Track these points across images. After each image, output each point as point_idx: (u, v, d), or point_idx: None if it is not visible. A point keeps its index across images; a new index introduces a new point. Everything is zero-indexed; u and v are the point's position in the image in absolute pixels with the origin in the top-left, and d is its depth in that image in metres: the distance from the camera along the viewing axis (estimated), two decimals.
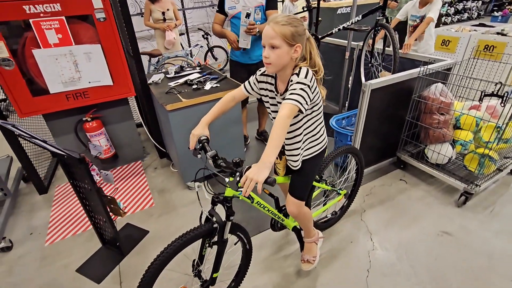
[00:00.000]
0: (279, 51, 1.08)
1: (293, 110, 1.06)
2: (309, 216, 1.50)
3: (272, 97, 1.30)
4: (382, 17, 2.34)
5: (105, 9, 1.94)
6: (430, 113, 2.12)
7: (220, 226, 1.20)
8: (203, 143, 1.22)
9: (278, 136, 1.01)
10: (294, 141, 1.29)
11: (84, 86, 2.09)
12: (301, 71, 1.12)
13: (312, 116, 1.27)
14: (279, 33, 1.06)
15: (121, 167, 2.73)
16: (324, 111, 1.32)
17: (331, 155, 1.65)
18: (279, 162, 1.52)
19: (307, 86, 1.09)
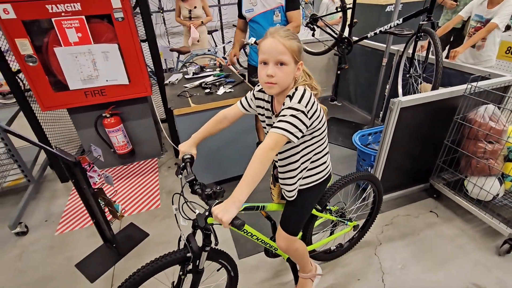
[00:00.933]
0: (287, 69, 0.93)
1: (279, 140, 0.91)
2: (302, 253, 1.33)
3: (268, 117, 1.15)
4: (427, 21, 2.00)
5: (124, 9, 1.93)
6: (475, 139, 1.77)
7: (194, 255, 1.10)
8: (186, 163, 1.12)
9: (254, 172, 0.87)
10: (289, 169, 1.13)
11: (101, 84, 2.13)
12: (296, 93, 0.95)
13: (312, 143, 1.10)
14: (289, 48, 0.91)
15: (137, 163, 2.78)
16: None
17: (341, 181, 1.44)
18: (273, 189, 1.37)
19: (301, 112, 0.93)
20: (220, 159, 2.17)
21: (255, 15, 2.14)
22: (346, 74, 3.68)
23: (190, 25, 3.59)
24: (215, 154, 2.13)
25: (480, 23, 2.39)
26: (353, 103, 3.73)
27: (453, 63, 2.27)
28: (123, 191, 2.39)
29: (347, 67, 2.80)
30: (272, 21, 2.12)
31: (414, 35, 2.15)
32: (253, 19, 2.16)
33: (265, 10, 2.10)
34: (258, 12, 2.12)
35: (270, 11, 2.09)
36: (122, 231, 2.01)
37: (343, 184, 1.43)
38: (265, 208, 1.24)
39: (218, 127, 1.22)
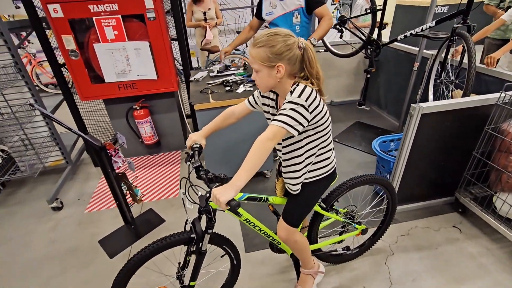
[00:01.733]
0: (260, 74, 1.02)
1: (278, 132, 0.95)
2: (302, 245, 1.34)
3: (273, 114, 1.19)
4: (462, 24, 1.88)
5: (155, 9, 2.07)
6: (507, 152, 1.62)
7: (198, 237, 1.17)
8: (194, 152, 1.20)
9: (252, 159, 0.92)
10: (293, 163, 1.16)
11: (133, 78, 2.30)
12: (296, 89, 0.99)
13: (316, 138, 1.11)
14: (255, 56, 0.98)
15: (162, 154, 2.95)
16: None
17: (350, 182, 1.42)
18: (277, 183, 1.39)
19: (301, 105, 0.96)
20: (237, 155, 2.23)
21: (275, 18, 2.16)
22: (377, 78, 3.55)
23: (206, 26, 3.69)
24: (231, 150, 2.20)
25: None
26: (382, 108, 3.59)
27: (491, 69, 2.10)
28: (147, 179, 2.56)
29: (374, 70, 2.71)
30: (292, 23, 2.13)
31: (447, 39, 2.03)
32: (273, 21, 2.19)
33: (284, 13, 2.12)
34: (278, 15, 2.14)
35: (289, 13, 2.11)
36: (142, 215, 2.16)
37: (352, 185, 1.41)
38: (268, 200, 1.27)
39: (227, 122, 1.28)
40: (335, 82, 3.76)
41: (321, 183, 1.23)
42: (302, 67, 1.02)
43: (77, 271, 1.78)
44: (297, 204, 1.25)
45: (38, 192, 2.49)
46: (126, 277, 1.12)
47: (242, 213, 1.23)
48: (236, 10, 4.92)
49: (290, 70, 1.00)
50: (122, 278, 1.11)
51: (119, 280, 1.11)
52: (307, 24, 2.16)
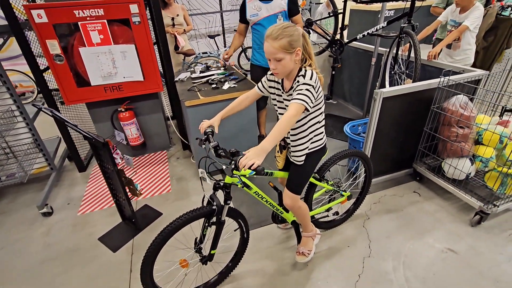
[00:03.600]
0: (283, 62, 1.22)
1: (300, 109, 1.19)
2: (304, 211, 1.58)
3: (279, 95, 1.42)
4: (407, 24, 2.28)
5: (140, 14, 2.19)
6: (449, 125, 2.02)
7: (218, 209, 1.35)
8: (208, 135, 1.37)
9: (280, 130, 1.14)
10: (300, 137, 1.40)
11: (119, 80, 2.38)
12: (307, 73, 1.23)
13: (316, 115, 1.37)
14: (278, 47, 1.18)
15: (148, 155, 3.02)
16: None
17: (336, 156, 1.70)
18: (279, 156, 1.62)
19: (312, 86, 1.21)
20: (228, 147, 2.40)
21: (259, 19, 2.40)
22: (341, 74, 3.95)
23: (174, 33, 3.80)
24: (225, 142, 2.36)
25: (455, 27, 2.68)
26: (347, 101, 4.00)
27: (434, 61, 2.55)
28: (138, 178, 2.63)
29: (339, 66, 3.07)
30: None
31: (397, 36, 2.42)
32: (257, 22, 2.42)
33: (268, 15, 2.36)
34: (262, 17, 2.38)
35: (273, 15, 2.36)
36: (138, 211, 2.24)
37: (340, 157, 1.69)
38: (272, 174, 1.49)
39: (244, 103, 1.48)
40: None
41: (317, 154, 1.49)
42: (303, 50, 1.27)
43: (82, 268, 1.83)
44: (300, 173, 1.48)
45: (22, 201, 2.43)
46: (157, 249, 1.26)
47: (252, 186, 1.42)
48: (206, 15, 5.09)
49: (301, 54, 1.24)
50: (153, 249, 1.24)
51: (151, 252, 1.24)
52: None
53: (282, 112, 1.43)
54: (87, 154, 3.00)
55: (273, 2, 2.31)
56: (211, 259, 1.54)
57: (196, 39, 5.26)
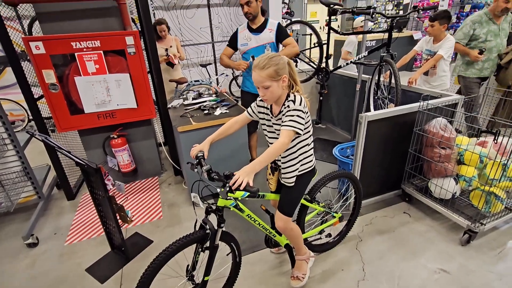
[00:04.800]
0: (271, 89, 1.30)
1: (292, 135, 1.27)
2: (297, 233, 1.59)
3: (268, 119, 1.48)
4: (386, 53, 2.45)
5: (136, 45, 2.30)
6: (431, 146, 2.12)
7: (212, 233, 1.35)
8: (199, 159, 1.40)
9: (272, 154, 1.22)
10: (290, 159, 1.45)
11: (113, 108, 2.43)
12: (296, 99, 1.31)
13: (305, 137, 1.44)
14: (265, 76, 1.28)
15: (139, 181, 3.00)
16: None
17: (326, 177, 1.74)
18: (271, 178, 1.65)
19: (302, 112, 1.29)
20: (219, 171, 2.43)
21: (248, 49, 2.54)
22: (328, 99, 4.12)
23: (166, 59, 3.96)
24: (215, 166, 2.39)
25: (430, 56, 2.90)
26: (335, 125, 4.13)
27: (413, 87, 2.71)
28: (128, 205, 2.59)
29: (326, 92, 3.22)
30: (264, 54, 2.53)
31: (378, 64, 2.59)
32: (247, 51, 2.57)
33: (257, 45, 2.51)
34: (252, 47, 2.53)
35: (262, 46, 2.51)
36: (128, 239, 2.18)
37: (329, 178, 1.73)
38: (264, 196, 1.51)
39: (232, 128, 1.53)
40: None
41: (308, 175, 1.53)
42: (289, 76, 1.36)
43: None
44: (291, 195, 1.51)
45: (7, 232, 2.35)
46: (151, 277, 1.23)
47: (244, 209, 1.44)
48: (198, 45, 5.32)
49: (287, 81, 1.33)
50: (147, 278, 1.21)
51: (144, 281, 1.21)
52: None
53: (271, 136, 1.49)
54: (77, 182, 2.96)
55: (262, 34, 2.47)
56: (205, 287, 1.50)
57: (188, 68, 5.44)
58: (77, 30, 2.26)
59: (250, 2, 2.35)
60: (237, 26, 2.46)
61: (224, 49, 2.66)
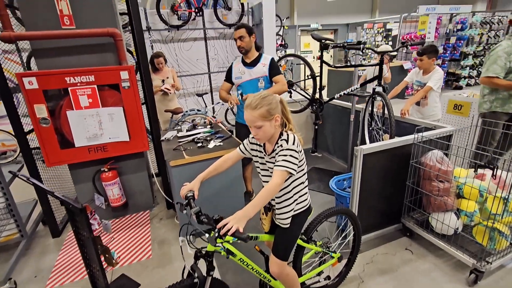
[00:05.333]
0: (264, 128, 1.27)
1: (285, 176, 1.22)
2: (293, 278, 1.48)
3: (261, 157, 1.44)
4: (378, 85, 2.49)
5: (130, 79, 2.32)
6: (429, 179, 2.07)
7: (201, 281, 1.24)
8: (189, 200, 1.33)
9: (264, 198, 1.16)
10: (285, 199, 1.39)
11: (104, 141, 2.39)
12: (289, 138, 1.28)
13: (300, 176, 1.39)
14: (257, 116, 1.25)
15: (130, 216, 2.87)
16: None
17: (323, 214, 1.66)
18: (265, 218, 1.57)
19: (295, 151, 1.25)
20: (211, 207, 2.34)
21: (242, 82, 2.58)
22: (323, 129, 4.13)
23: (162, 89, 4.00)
24: (206, 202, 2.31)
25: (420, 87, 2.97)
26: (331, 154, 4.11)
27: (407, 118, 2.73)
28: (115, 243, 2.45)
29: (320, 122, 3.23)
30: (257, 87, 2.56)
31: (370, 96, 2.62)
32: (241, 84, 2.60)
33: (251, 78, 2.55)
34: (245, 80, 2.56)
35: (255, 79, 2.54)
36: (114, 282, 2.03)
37: (325, 216, 1.64)
38: (257, 238, 1.42)
39: (225, 165, 1.48)
40: None
41: (303, 215, 1.46)
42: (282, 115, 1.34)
43: None
44: (286, 236, 1.43)
45: None
46: None
47: (236, 253, 1.35)
48: (194, 76, 5.43)
49: (280, 120, 1.31)
50: None
51: None
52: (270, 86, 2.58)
53: (265, 174, 1.44)
54: (63, 218, 2.83)
55: (255, 67, 2.51)
56: None
57: (185, 97, 5.50)
58: (73, 65, 2.28)
59: (243, 37, 2.42)
60: (233, 57, 2.53)
61: (222, 84, 2.71)
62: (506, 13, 8.92)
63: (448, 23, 8.09)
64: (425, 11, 7.40)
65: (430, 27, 7.37)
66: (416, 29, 7.61)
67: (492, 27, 8.53)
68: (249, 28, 2.45)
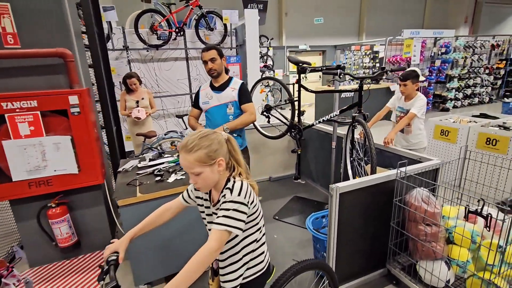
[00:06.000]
0: (203, 176, 1.03)
1: (224, 237, 0.96)
2: None
3: (207, 207, 1.18)
4: (358, 113, 2.29)
5: (81, 104, 2.06)
6: (415, 221, 1.82)
7: None
8: (110, 266, 1.04)
9: (193, 270, 0.90)
10: (231, 262, 1.11)
11: (49, 174, 2.09)
12: (235, 186, 1.03)
13: (252, 232, 1.11)
14: (193, 161, 1.01)
15: (83, 256, 2.52)
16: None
17: (290, 271, 1.37)
18: (212, 284, 1.28)
19: (241, 204, 0.99)
20: (172, 251, 2.03)
21: (210, 107, 2.35)
22: (306, 154, 3.90)
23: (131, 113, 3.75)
24: (166, 245, 2.01)
25: (403, 113, 2.80)
26: (315, 181, 3.85)
27: (390, 147, 2.52)
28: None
29: (299, 151, 3.00)
30: (226, 113, 2.33)
31: (350, 124, 2.42)
32: (208, 110, 2.37)
33: (219, 104, 2.32)
34: (213, 105, 2.34)
35: (223, 104, 2.32)
36: None
37: (293, 274, 1.36)
38: None
39: (162, 218, 1.22)
40: (272, 159, 4.01)
41: (259, 281, 1.18)
42: (229, 156, 1.09)
43: None
44: None
45: None
46: None
47: None
48: (175, 96, 5.22)
49: (226, 160, 1.07)
50: None
51: None
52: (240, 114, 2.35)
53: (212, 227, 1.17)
54: None
55: (224, 92, 2.29)
56: None
57: (164, 119, 5.26)
58: (15, 89, 2.02)
59: (215, 59, 2.22)
60: None
61: (191, 110, 2.48)
62: (488, 38, 9.14)
63: (433, 46, 8.20)
64: (409, 34, 7.49)
65: (415, 50, 7.44)
66: (402, 51, 7.67)
67: (475, 51, 8.69)
68: (219, 49, 2.25)
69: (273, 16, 10.16)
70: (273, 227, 2.87)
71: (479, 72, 8.95)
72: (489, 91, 9.44)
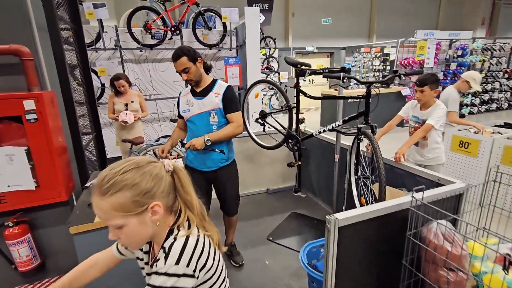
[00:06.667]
0: (127, 230, 0.72)
1: None
2: None
3: (147, 262, 0.89)
4: (365, 124, 1.94)
5: (38, 110, 1.78)
6: (433, 263, 1.46)
7: None
8: None
9: None
10: None
11: (1, 190, 1.81)
12: (174, 248, 0.70)
13: None
14: (111, 209, 0.69)
15: (48, 280, 2.22)
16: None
17: None
18: None
19: (180, 276, 0.68)
20: None
21: (190, 116, 2.04)
22: (308, 165, 3.56)
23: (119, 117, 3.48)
24: None
25: (418, 124, 2.42)
26: (316, 196, 3.50)
27: (402, 164, 2.15)
28: None
29: (296, 164, 2.66)
30: (208, 122, 2.02)
31: (355, 137, 2.07)
32: (189, 119, 2.07)
33: (200, 112, 2.01)
34: (194, 113, 2.03)
35: (206, 112, 2.01)
36: None
37: None
38: None
39: (89, 274, 0.93)
40: (270, 169, 3.67)
41: None
42: (175, 195, 0.76)
43: None
44: None
45: None
46: None
47: None
48: (170, 99, 4.95)
49: (166, 204, 0.75)
50: None
51: None
52: (226, 124, 2.04)
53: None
54: None
55: (205, 98, 1.98)
56: None
57: (159, 122, 4.99)
58: None
59: (188, 69, 1.89)
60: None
61: (177, 121, 2.21)
62: (508, 40, 8.59)
63: (448, 48, 7.73)
64: (423, 36, 7.06)
65: (429, 52, 6.99)
66: (415, 54, 7.23)
67: (494, 54, 8.17)
68: (190, 54, 1.87)
69: (279, 17, 9.85)
70: (266, 250, 2.53)
71: (498, 76, 8.41)
72: (508, 96, 8.87)
